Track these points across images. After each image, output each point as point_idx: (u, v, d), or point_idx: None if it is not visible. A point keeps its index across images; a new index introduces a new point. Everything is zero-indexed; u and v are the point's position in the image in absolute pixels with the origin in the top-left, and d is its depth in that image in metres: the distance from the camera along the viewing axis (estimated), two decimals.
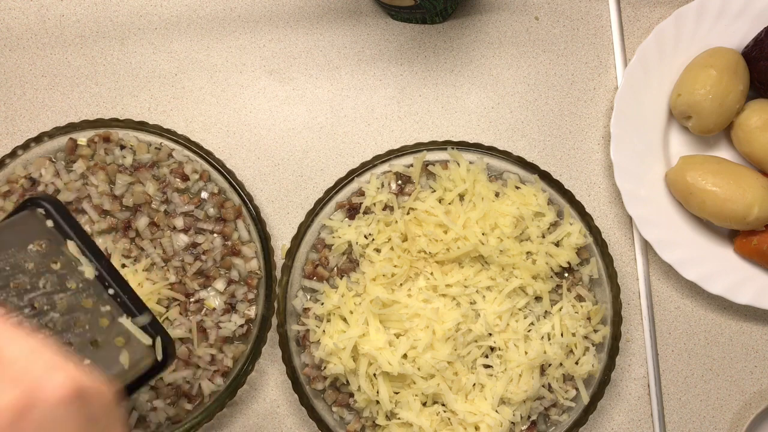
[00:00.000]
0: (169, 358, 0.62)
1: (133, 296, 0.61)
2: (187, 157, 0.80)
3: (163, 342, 0.62)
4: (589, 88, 0.86)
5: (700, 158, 0.80)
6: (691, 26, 0.82)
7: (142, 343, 0.61)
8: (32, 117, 0.85)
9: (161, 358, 0.61)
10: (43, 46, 0.85)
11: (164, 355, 0.62)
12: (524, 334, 0.76)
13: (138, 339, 0.61)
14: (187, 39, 0.86)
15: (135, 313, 0.61)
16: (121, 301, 0.61)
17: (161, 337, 0.62)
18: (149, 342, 0.61)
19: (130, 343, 0.60)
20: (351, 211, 0.80)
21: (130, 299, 0.61)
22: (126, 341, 0.60)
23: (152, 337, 0.61)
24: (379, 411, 0.76)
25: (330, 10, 0.87)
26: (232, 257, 0.78)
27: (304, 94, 0.85)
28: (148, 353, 0.61)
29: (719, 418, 0.83)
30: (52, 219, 0.60)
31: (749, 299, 0.80)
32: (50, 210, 0.60)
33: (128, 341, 0.60)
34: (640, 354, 0.83)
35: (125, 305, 0.61)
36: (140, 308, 0.61)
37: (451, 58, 0.86)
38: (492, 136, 0.85)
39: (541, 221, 0.78)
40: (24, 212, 0.60)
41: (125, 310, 0.61)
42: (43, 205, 0.60)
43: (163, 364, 0.62)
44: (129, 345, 0.60)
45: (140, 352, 0.61)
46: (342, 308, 0.76)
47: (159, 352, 0.61)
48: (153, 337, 0.61)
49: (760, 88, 0.81)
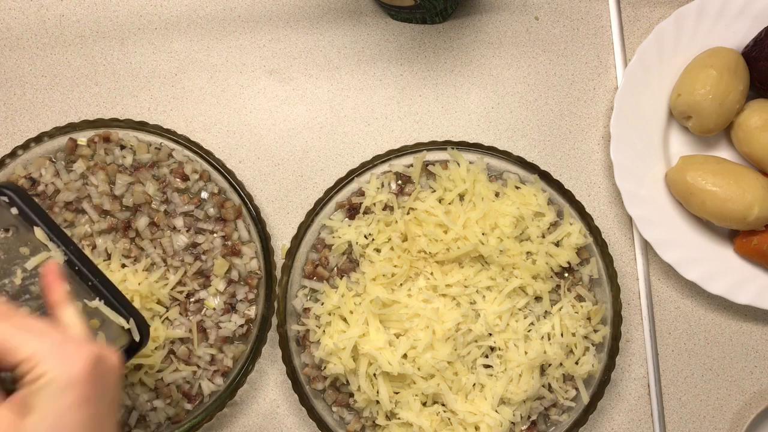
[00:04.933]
0: (144, 338, 0.63)
1: (103, 280, 0.62)
2: (187, 157, 0.80)
3: (137, 323, 0.62)
4: (589, 88, 0.86)
5: (700, 158, 0.80)
6: (691, 26, 0.82)
7: (116, 324, 0.61)
8: (32, 117, 0.85)
9: (138, 338, 0.62)
10: (43, 46, 0.85)
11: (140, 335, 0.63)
12: (524, 334, 0.76)
13: (112, 321, 0.61)
14: (187, 39, 0.86)
15: (107, 297, 0.61)
16: (93, 285, 0.61)
17: (135, 317, 0.62)
18: (125, 323, 0.62)
19: (104, 325, 0.61)
20: (351, 211, 0.80)
21: (102, 282, 0.62)
22: (100, 324, 0.61)
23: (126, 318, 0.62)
24: (379, 411, 0.76)
25: (330, 10, 0.87)
26: (232, 257, 0.78)
27: (304, 94, 0.85)
28: (123, 335, 0.62)
29: (719, 418, 0.83)
30: (17, 206, 0.60)
31: (749, 299, 0.80)
32: (13, 197, 0.60)
33: (102, 324, 0.61)
34: (640, 354, 0.83)
35: (96, 289, 0.61)
36: (111, 291, 0.62)
37: (451, 58, 0.86)
38: (492, 136, 0.85)
39: (541, 221, 0.78)
40: None
41: (97, 294, 0.61)
42: (6, 193, 0.60)
43: (139, 344, 0.63)
44: (103, 327, 0.61)
45: (115, 334, 0.62)
46: (342, 308, 0.76)
47: (135, 332, 0.62)
48: (127, 319, 0.62)
49: (760, 88, 0.81)
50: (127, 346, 0.62)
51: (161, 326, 0.76)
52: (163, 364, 0.76)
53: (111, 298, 0.62)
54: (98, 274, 0.62)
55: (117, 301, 0.62)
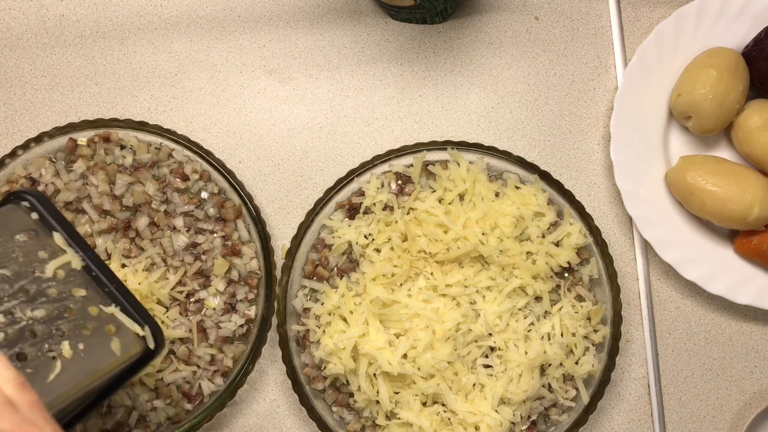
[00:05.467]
0: (159, 346, 0.63)
1: (120, 286, 0.62)
2: (187, 157, 0.80)
3: (152, 330, 0.63)
4: (589, 88, 0.86)
5: (700, 158, 0.80)
6: (691, 26, 0.82)
7: (131, 331, 0.62)
8: (32, 117, 0.85)
9: (153, 345, 0.62)
10: (43, 46, 0.85)
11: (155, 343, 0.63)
12: (524, 334, 0.76)
13: (127, 327, 0.61)
14: (187, 39, 0.86)
15: (123, 303, 0.62)
16: (109, 291, 0.62)
17: (150, 325, 0.62)
18: (140, 330, 0.62)
19: (119, 331, 0.61)
20: (351, 211, 0.80)
21: (118, 289, 0.62)
22: (116, 330, 0.61)
23: (141, 326, 0.62)
24: (379, 411, 0.76)
25: (330, 10, 0.87)
26: (232, 257, 0.78)
27: (304, 94, 0.85)
28: (138, 342, 0.62)
29: (719, 418, 0.83)
30: (37, 212, 0.61)
31: (749, 299, 0.80)
32: (34, 203, 0.61)
33: (118, 330, 0.61)
34: (640, 354, 0.83)
35: (113, 295, 0.62)
36: (127, 298, 0.62)
37: (451, 58, 0.86)
38: (492, 136, 0.85)
39: (541, 221, 0.78)
40: (8, 205, 0.61)
41: (113, 300, 0.62)
42: (27, 198, 0.61)
43: (154, 351, 0.63)
44: (119, 333, 0.61)
45: (130, 340, 0.62)
46: (342, 308, 0.76)
47: (150, 340, 0.62)
48: (142, 326, 0.62)
49: (760, 88, 0.81)
50: (142, 354, 0.62)
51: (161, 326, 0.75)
52: (163, 364, 0.76)
53: (127, 305, 0.62)
54: (115, 281, 0.62)
55: (133, 308, 0.62)
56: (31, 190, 0.62)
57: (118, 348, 0.60)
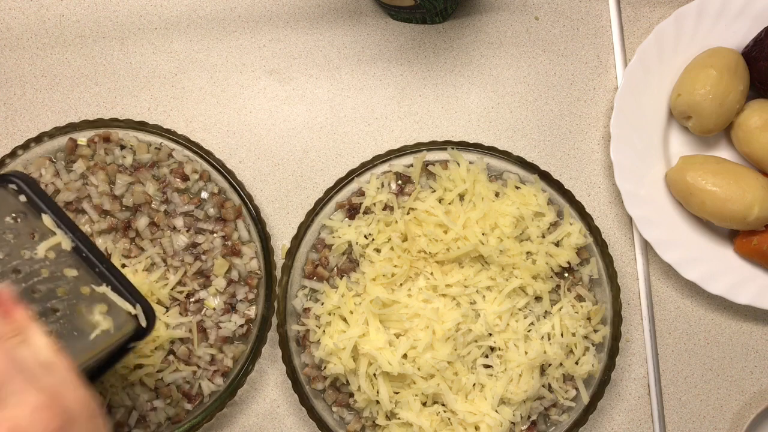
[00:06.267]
0: (151, 324, 0.64)
1: (110, 266, 0.63)
2: (187, 157, 0.80)
3: (144, 309, 0.63)
4: (589, 88, 0.86)
5: (700, 158, 0.80)
6: (691, 26, 0.82)
7: (123, 310, 0.63)
8: (32, 117, 0.85)
9: (144, 323, 0.64)
10: (43, 46, 0.85)
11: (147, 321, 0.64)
12: (524, 334, 0.76)
13: (119, 306, 0.62)
14: (187, 39, 0.86)
15: (114, 283, 0.63)
16: (99, 271, 0.62)
17: (141, 303, 0.63)
18: (131, 309, 0.63)
19: (111, 310, 0.62)
20: (351, 211, 0.80)
21: (108, 269, 0.63)
22: (108, 308, 0.62)
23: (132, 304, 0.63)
24: (379, 411, 0.76)
25: (330, 10, 0.87)
26: (232, 257, 0.78)
27: (304, 94, 0.85)
28: (130, 320, 0.63)
29: (719, 418, 0.83)
30: (24, 194, 0.61)
31: (749, 299, 0.80)
32: (21, 185, 0.61)
33: (110, 309, 0.62)
34: (640, 354, 0.83)
35: (103, 275, 0.63)
36: (118, 277, 0.63)
37: (451, 58, 0.86)
38: (492, 136, 0.85)
39: (541, 221, 0.78)
40: None
41: (104, 280, 0.62)
42: (14, 181, 0.61)
43: (146, 330, 0.64)
44: (111, 313, 0.62)
45: (122, 319, 0.63)
46: (342, 308, 0.76)
47: (142, 318, 0.63)
48: (133, 305, 0.63)
49: (760, 88, 0.81)
50: (134, 332, 0.64)
51: (161, 326, 0.76)
52: (163, 365, 0.76)
53: (118, 285, 0.63)
54: (105, 261, 0.63)
55: (124, 287, 0.63)
56: (18, 173, 0.62)
57: (111, 326, 0.61)
